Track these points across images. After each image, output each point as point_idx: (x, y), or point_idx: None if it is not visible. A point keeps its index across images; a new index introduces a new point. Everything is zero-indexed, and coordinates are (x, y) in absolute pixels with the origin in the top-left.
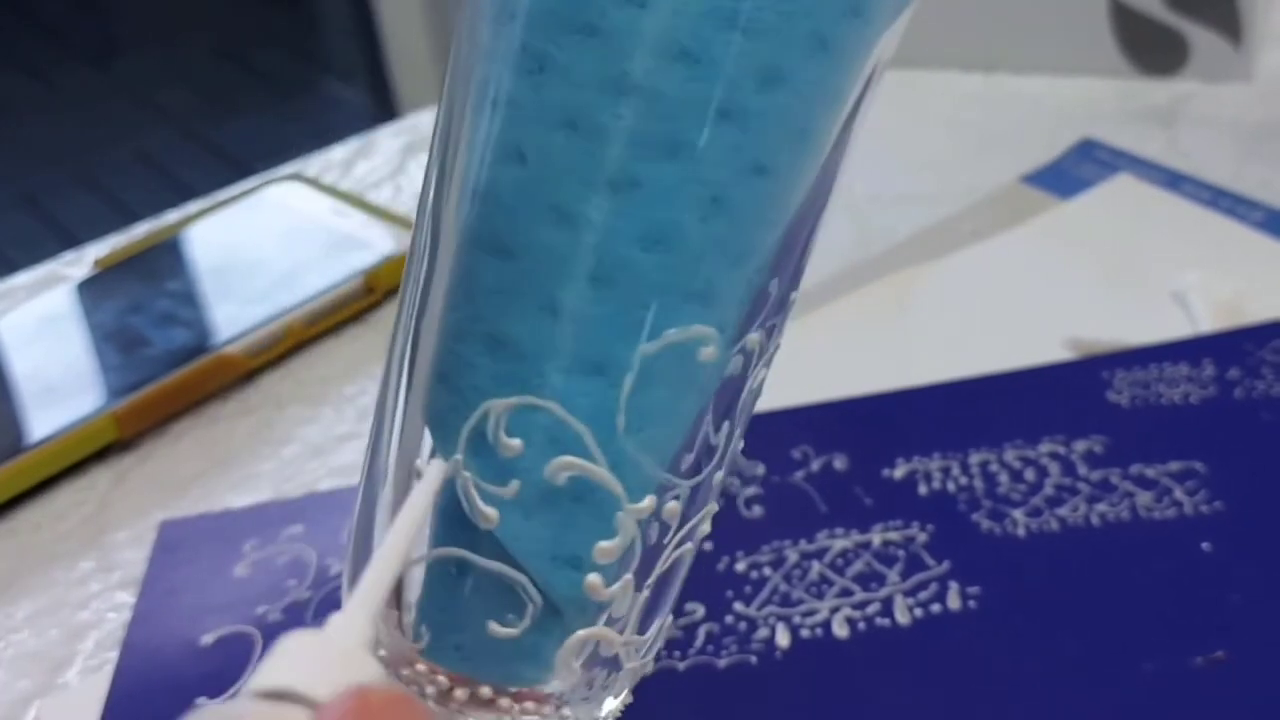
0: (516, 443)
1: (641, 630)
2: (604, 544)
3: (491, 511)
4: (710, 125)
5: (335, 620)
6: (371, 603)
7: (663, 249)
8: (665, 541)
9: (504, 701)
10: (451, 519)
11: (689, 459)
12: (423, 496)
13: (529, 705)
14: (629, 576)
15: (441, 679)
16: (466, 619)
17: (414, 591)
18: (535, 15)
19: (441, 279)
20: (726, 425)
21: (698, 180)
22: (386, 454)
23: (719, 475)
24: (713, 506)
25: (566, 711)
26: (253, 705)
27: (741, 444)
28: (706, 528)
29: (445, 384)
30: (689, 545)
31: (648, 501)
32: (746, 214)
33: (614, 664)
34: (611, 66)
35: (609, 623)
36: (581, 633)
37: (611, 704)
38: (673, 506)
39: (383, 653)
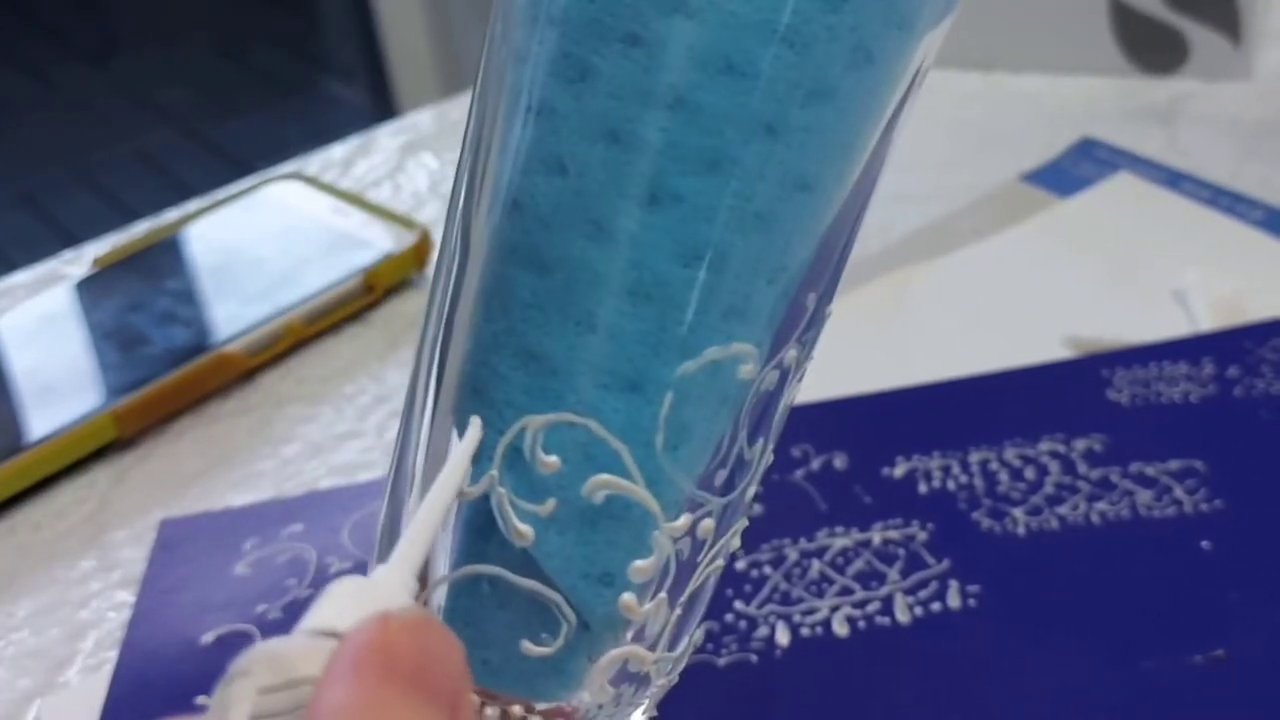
0: (554, 460)
1: (672, 647)
2: (639, 563)
3: (527, 529)
4: (754, 140)
5: (379, 570)
6: (413, 556)
7: (702, 265)
8: (699, 559)
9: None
10: (483, 534)
11: (722, 475)
12: (461, 456)
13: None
14: (663, 595)
15: (472, 697)
16: (496, 636)
17: (439, 603)
18: (575, 22)
19: (471, 287)
20: (761, 441)
21: (740, 195)
22: (414, 458)
23: (751, 490)
24: (743, 522)
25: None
26: (299, 640)
27: (771, 459)
28: (737, 543)
29: (478, 397)
30: (720, 563)
31: (683, 520)
32: (787, 229)
33: (643, 681)
34: (654, 78)
35: (641, 640)
36: (615, 652)
37: (637, 718)
38: (707, 524)
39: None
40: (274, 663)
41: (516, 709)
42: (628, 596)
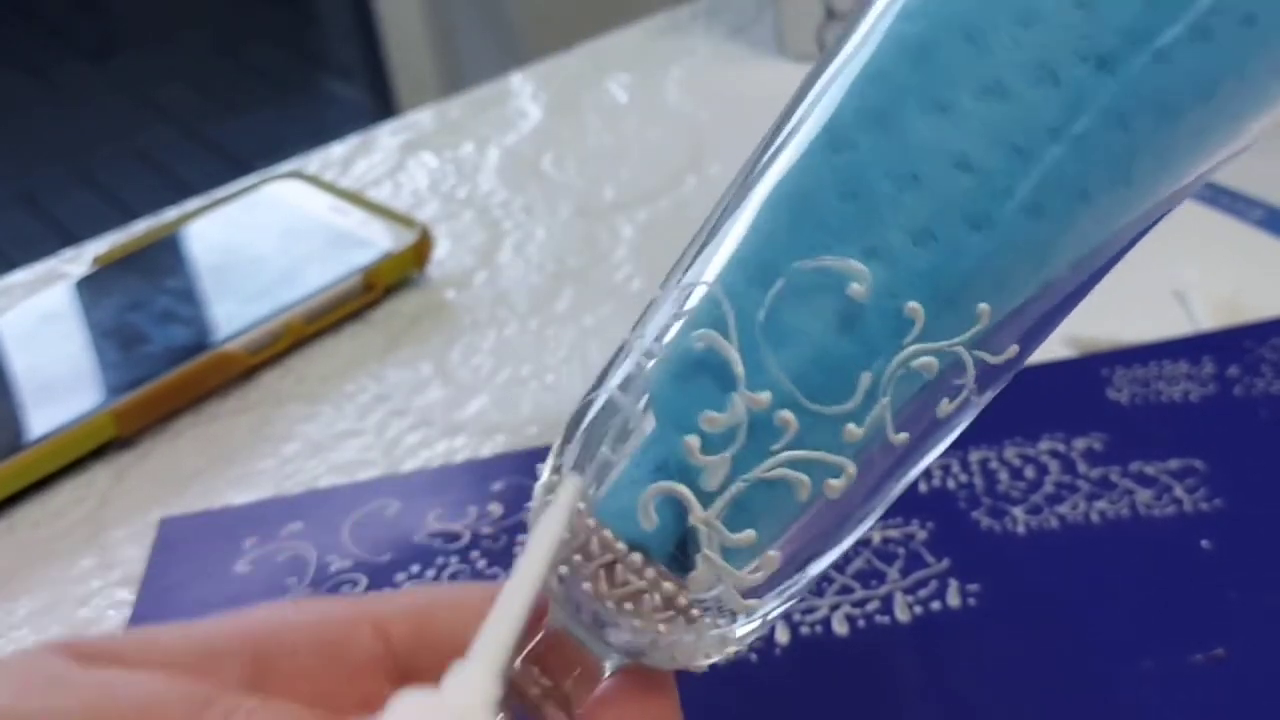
0: (684, 312)
1: (731, 527)
2: (711, 413)
3: (646, 362)
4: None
5: (453, 678)
6: (494, 658)
7: (856, 202)
8: (774, 449)
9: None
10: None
11: (854, 431)
12: (555, 522)
13: (657, 576)
14: (727, 454)
15: (607, 533)
16: (597, 445)
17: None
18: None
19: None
20: (905, 434)
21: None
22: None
23: (854, 429)
24: (849, 466)
25: (709, 620)
26: None
27: (916, 480)
28: (838, 485)
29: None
30: (803, 477)
31: (764, 395)
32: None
33: (695, 543)
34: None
35: (700, 497)
36: (663, 483)
37: (746, 627)
38: (786, 415)
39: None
40: None
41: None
42: (692, 438)
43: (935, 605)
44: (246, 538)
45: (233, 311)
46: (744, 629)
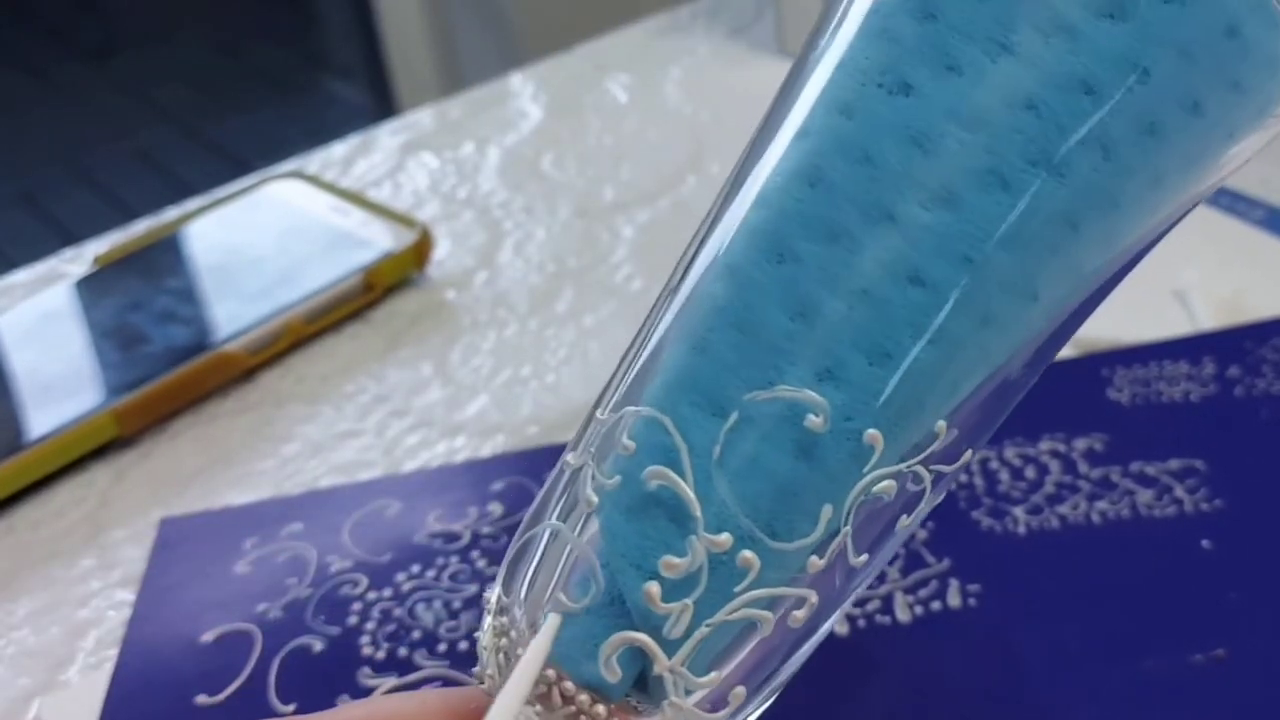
0: (631, 444)
1: (694, 668)
2: (671, 558)
3: (594, 497)
4: (957, 264)
5: None
6: None
7: (805, 322)
8: (736, 590)
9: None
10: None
11: (817, 563)
12: (538, 650)
13: None
14: (689, 602)
15: (568, 685)
16: (547, 583)
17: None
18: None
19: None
20: (865, 555)
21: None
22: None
23: (817, 560)
24: (810, 595)
25: None
26: None
27: (870, 579)
28: (801, 615)
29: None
30: (767, 614)
31: (724, 537)
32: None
33: (660, 690)
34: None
35: (661, 644)
36: (627, 632)
37: None
38: (748, 555)
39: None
40: None
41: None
42: (653, 585)
43: (936, 605)
44: (247, 538)
45: (233, 311)
46: None
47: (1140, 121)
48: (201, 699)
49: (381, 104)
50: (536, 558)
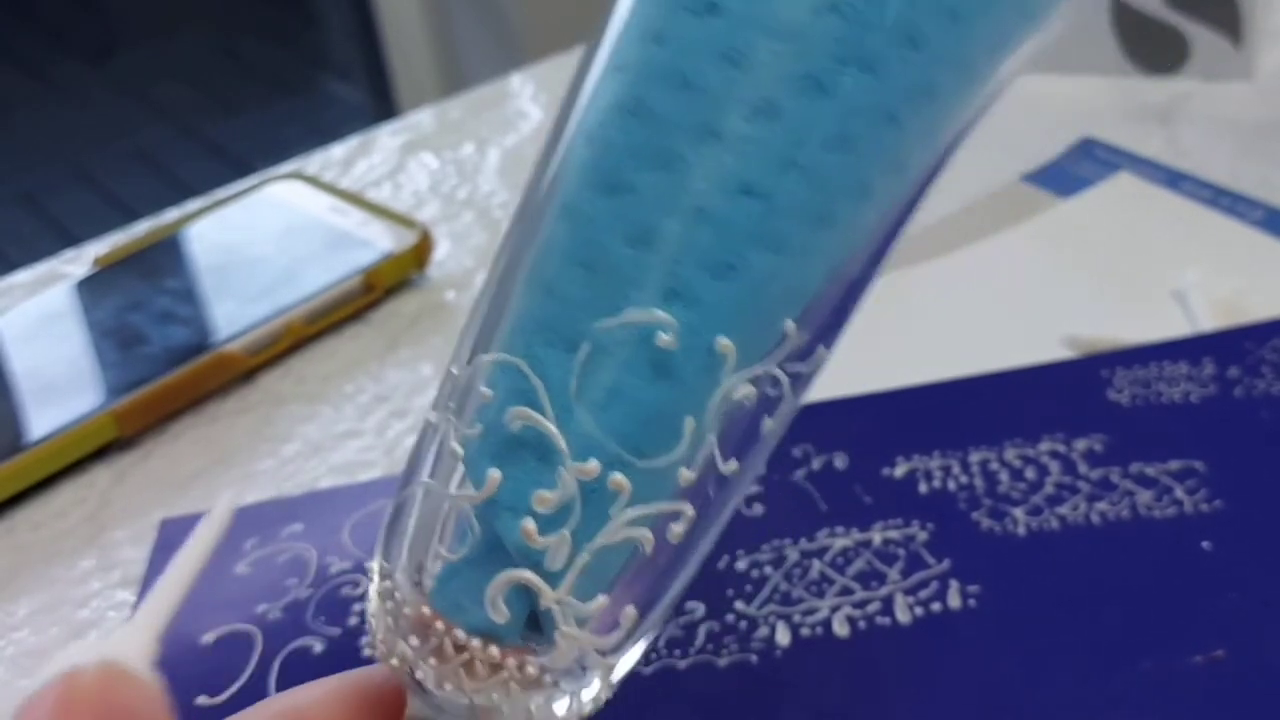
0: (488, 392)
1: (581, 596)
2: (543, 492)
3: (459, 449)
4: (785, 171)
5: (119, 632)
6: (155, 618)
7: (645, 248)
8: (612, 513)
9: (509, 660)
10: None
11: (688, 475)
12: (212, 528)
13: (518, 664)
14: (565, 533)
15: (458, 633)
16: (427, 539)
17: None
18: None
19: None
20: (735, 462)
21: (687, 192)
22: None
23: (687, 472)
24: (686, 509)
25: (558, 681)
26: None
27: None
28: (679, 529)
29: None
30: (645, 531)
31: (592, 464)
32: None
33: (551, 624)
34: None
35: (545, 577)
36: (512, 572)
37: (593, 689)
38: (618, 478)
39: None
40: None
41: (493, 650)
42: (528, 522)
43: (936, 606)
44: (247, 539)
45: (233, 312)
46: (617, 674)
47: (942, 7)
48: (202, 700)
49: (381, 104)
50: (413, 519)
